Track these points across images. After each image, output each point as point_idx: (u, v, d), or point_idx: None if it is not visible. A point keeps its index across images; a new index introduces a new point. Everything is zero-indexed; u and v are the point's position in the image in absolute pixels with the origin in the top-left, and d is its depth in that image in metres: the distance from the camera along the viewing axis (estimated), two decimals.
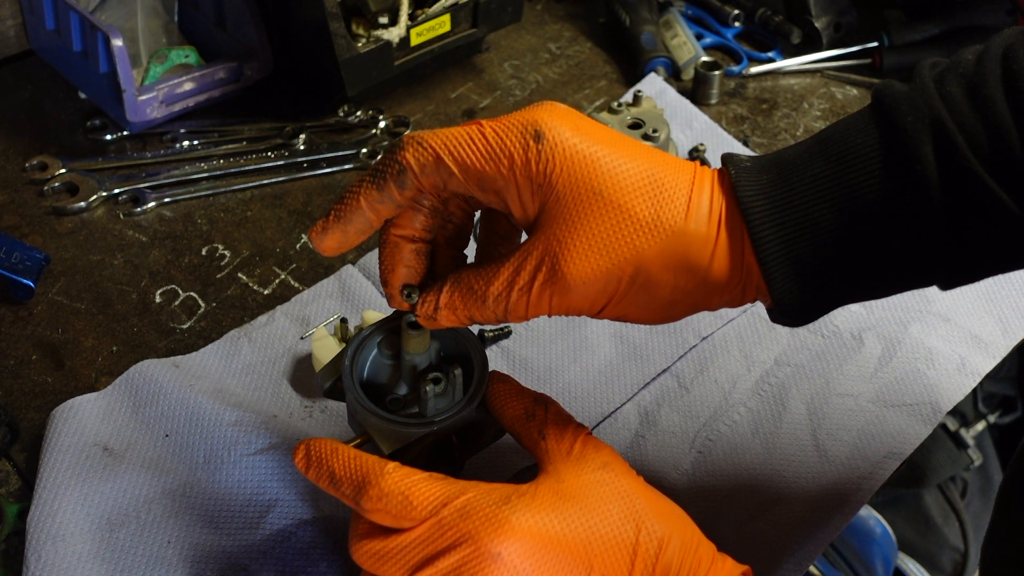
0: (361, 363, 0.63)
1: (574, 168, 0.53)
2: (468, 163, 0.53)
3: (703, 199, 0.54)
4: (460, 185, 0.54)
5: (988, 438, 1.40)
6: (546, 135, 0.53)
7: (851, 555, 1.21)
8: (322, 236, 0.57)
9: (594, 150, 0.53)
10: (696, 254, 0.54)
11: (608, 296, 0.54)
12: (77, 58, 1.03)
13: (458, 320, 0.57)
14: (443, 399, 0.61)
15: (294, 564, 0.67)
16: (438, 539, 0.52)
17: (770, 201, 0.54)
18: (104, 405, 0.77)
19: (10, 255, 0.88)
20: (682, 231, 0.53)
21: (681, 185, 0.54)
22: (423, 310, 0.58)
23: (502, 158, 0.53)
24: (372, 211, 0.56)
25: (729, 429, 0.80)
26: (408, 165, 0.54)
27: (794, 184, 0.54)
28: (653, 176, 0.54)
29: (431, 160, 0.53)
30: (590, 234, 0.53)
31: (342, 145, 1.06)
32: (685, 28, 1.20)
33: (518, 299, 0.55)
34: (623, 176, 0.53)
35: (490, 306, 0.55)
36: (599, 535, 0.53)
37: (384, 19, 1.03)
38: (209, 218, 0.98)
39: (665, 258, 0.53)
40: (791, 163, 0.55)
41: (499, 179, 0.53)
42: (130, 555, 0.68)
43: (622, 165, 0.53)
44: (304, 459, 0.57)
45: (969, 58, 0.55)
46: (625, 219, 0.53)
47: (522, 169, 0.53)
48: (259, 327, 0.86)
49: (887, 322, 0.88)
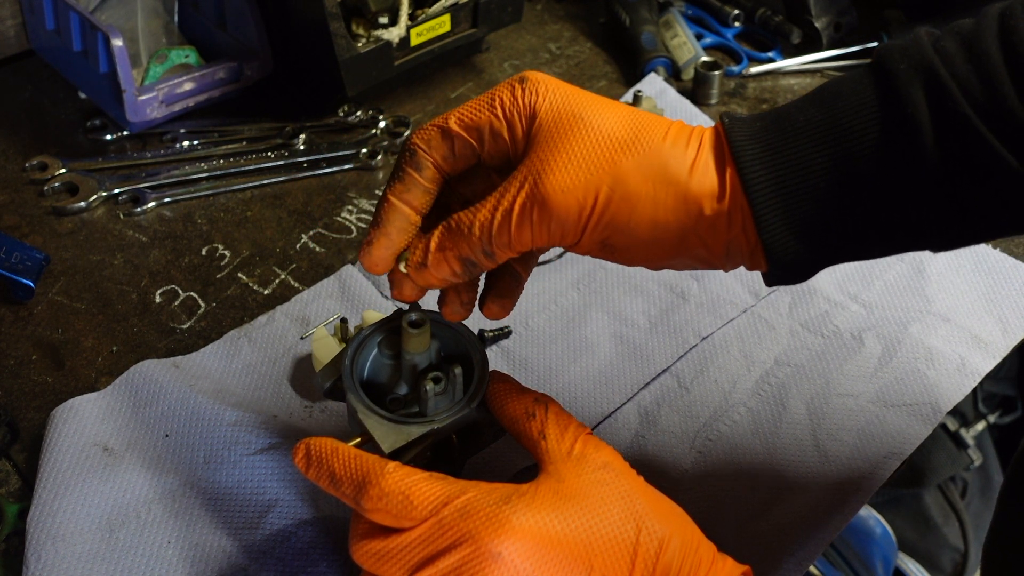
0: (361, 363, 0.63)
1: (555, 98, 0.56)
2: (467, 120, 0.57)
3: (683, 130, 0.56)
4: (465, 145, 0.57)
5: (988, 438, 1.40)
6: (528, 78, 0.57)
7: (851, 555, 1.21)
8: (369, 249, 0.58)
9: (574, 90, 0.57)
10: (675, 167, 0.55)
11: (588, 209, 0.55)
12: (77, 58, 1.03)
13: (448, 265, 0.57)
14: (443, 398, 0.61)
15: (294, 564, 0.67)
16: (438, 539, 0.52)
17: (762, 144, 0.55)
18: (104, 405, 0.77)
19: (10, 255, 0.88)
20: (659, 148, 0.55)
21: (662, 122, 0.57)
22: (413, 258, 0.58)
23: (495, 106, 0.56)
24: (404, 204, 0.58)
25: (729, 429, 0.80)
26: (417, 146, 0.57)
27: (786, 129, 0.55)
28: (632, 112, 0.57)
29: (436, 132, 0.57)
30: (570, 150, 0.55)
31: (342, 145, 1.06)
32: (685, 28, 1.20)
33: (501, 223, 0.55)
34: (603, 107, 0.56)
35: (476, 236, 0.56)
36: (599, 535, 0.53)
37: (384, 19, 1.03)
38: (209, 218, 0.98)
39: (643, 170, 0.54)
40: (784, 112, 0.56)
41: (494, 123, 0.56)
42: (130, 555, 0.68)
43: (602, 102, 0.57)
44: (304, 459, 0.57)
45: (967, 20, 0.56)
46: (604, 138, 0.55)
47: (511, 106, 0.56)
48: (259, 327, 0.86)
49: (887, 322, 0.88)
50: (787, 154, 0.54)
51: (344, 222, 0.98)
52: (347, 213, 0.99)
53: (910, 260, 0.94)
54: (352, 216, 0.98)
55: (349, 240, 0.96)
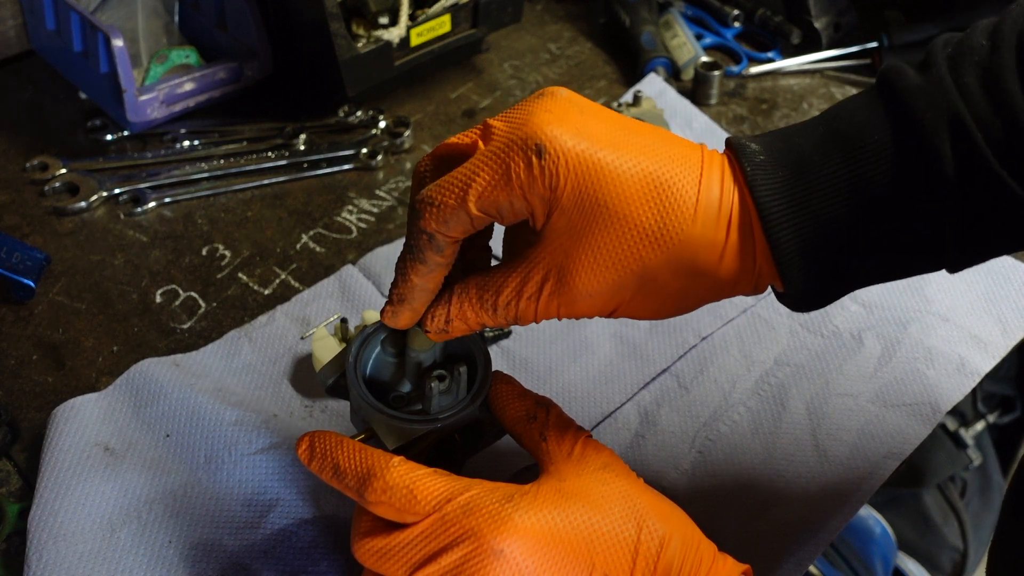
0: (364, 360, 0.64)
1: (578, 180, 0.52)
2: (484, 198, 0.53)
3: (711, 198, 0.53)
4: (483, 222, 0.54)
5: (987, 438, 1.40)
6: (547, 148, 0.52)
7: (851, 555, 1.21)
8: (396, 319, 0.59)
9: (597, 156, 0.52)
10: (704, 259, 0.54)
11: (616, 304, 0.55)
12: (78, 58, 1.03)
13: (469, 329, 0.58)
14: (447, 397, 0.62)
15: (295, 563, 0.67)
16: (441, 535, 0.52)
17: (787, 201, 0.54)
18: (105, 405, 0.77)
19: (11, 255, 0.88)
20: (689, 237, 0.53)
21: (688, 184, 0.53)
22: (434, 324, 0.58)
23: (513, 184, 0.52)
24: (427, 281, 0.57)
25: (729, 429, 0.80)
26: (433, 231, 0.54)
27: (811, 182, 0.54)
28: (658, 178, 0.53)
29: (449, 213, 0.53)
30: (596, 247, 0.53)
31: (342, 145, 1.06)
32: (685, 28, 1.20)
33: (527, 307, 0.55)
34: (627, 181, 0.52)
35: (500, 314, 0.56)
36: (601, 533, 0.54)
37: (384, 19, 1.03)
38: (209, 218, 0.98)
39: (672, 266, 0.53)
40: (806, 158, 0.55)
41: (514, 202, 0.53)
42: (131, 555, 0.68)
43: (626, 167, 0.53)
44: (308, 450, 0.57)
45: (983, 43, 0.54)
46: (630, 230, 0.52)
47: (530, 186, 0.52)
48: (259, 327, 0.86)
49: (887, 322, 0.88)
50: (811, 211, 0.54)
51: (344, 222, 0.98)
52: (347, 213, 0.99)
53: None
54: (352, 216, 0.98)
55: (349, 240, 0.96)
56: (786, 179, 0.54)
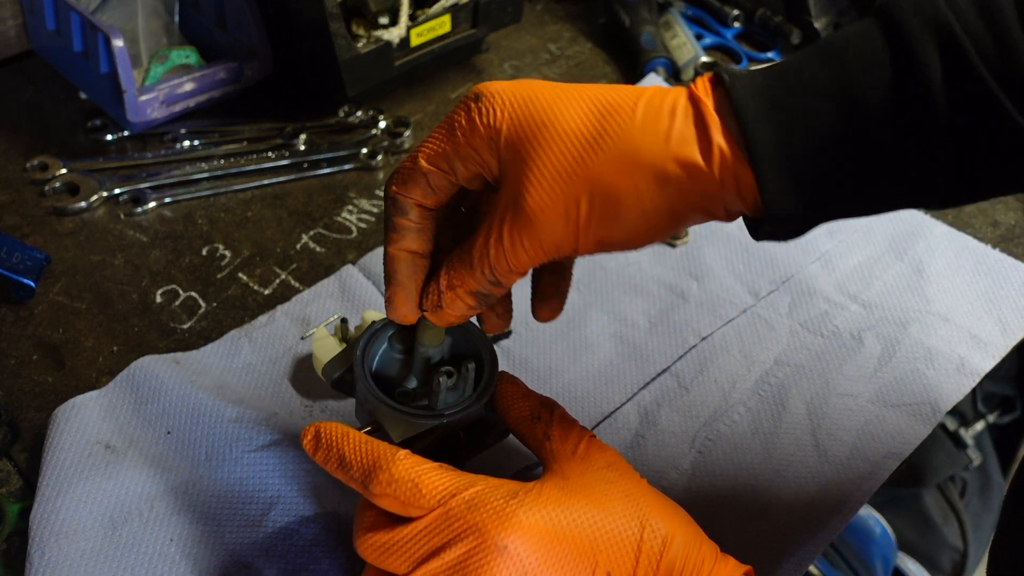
0: (371, 356, 0.64)
1: (515, 109, 0.53)
2: (431, 153, 0.55)
3: (654, 101, 0.53)
4: (439, 178, 0.56)
5: (987, 438, 1.40)
6: (483, 93, 0.54)
7: (851, 555, 1.21)
8: (392, 306, 0.59)
9: (533, 90, 0.54)
10: (647, 149, 0.52)
11: (573, 220, 0.53)
12: (78, 58, 1.03)
13: (462, 302, 0.57)
14: (453, 393, 0.62)
15: (296, 561, 0.67)
16: (445, 530, 0.52)
17: (765, 100, 0.52)
18: (106, 403, 0.77)
19: (11, 255, 0.88)
20: (628, 134, 0.52)
21: (629, 96, 0.53)
22: (428, 302, 0.58)
23: (454, 132, 0.54)
24: (404, 251, 0.57)
25: (729, 429, 0.80)
26: (393, 193, 0.56)
27: (792, 84, 0.52)
28: (599, 97, 0.54)
29: (407, 173, 0.56)
30: (540, 164, 0.52)
31: (342, 145, 1.06)
32: (685, 28, 1.21)
33: (496, 252, 0.54)
34: (567, 103, 0.53)
35: (477, 269, 0.55)
36: (604, 531, 0.54)
37: (384, 19, 1.03)
38: (209, 218, 0.98)
39: (615, 164, 0.52)
40: (788, 66, 0.53)
41: (460, 150, 0.54)
42: (133, 552, 0.68)
43: (565, 92, 0.54)
44: (313, 441, 0.57)
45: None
46: (571, 139, 0.52)
47: (471, 130, 0.54)
48: (259, 327, 0.86)
49: (887, 322, 0.88)
50: (792, 110, 0.52)
51: (344, 222, 0.98)
52: (347, 213, 0.99)
53: (910, 260, 0.94)
54: (352, 216, 0.98)
55: (349, 240, 0.96)
56: (766, 83, 0.52)
